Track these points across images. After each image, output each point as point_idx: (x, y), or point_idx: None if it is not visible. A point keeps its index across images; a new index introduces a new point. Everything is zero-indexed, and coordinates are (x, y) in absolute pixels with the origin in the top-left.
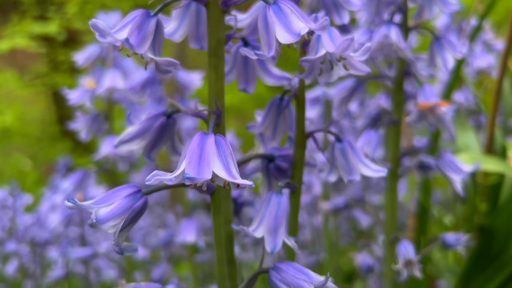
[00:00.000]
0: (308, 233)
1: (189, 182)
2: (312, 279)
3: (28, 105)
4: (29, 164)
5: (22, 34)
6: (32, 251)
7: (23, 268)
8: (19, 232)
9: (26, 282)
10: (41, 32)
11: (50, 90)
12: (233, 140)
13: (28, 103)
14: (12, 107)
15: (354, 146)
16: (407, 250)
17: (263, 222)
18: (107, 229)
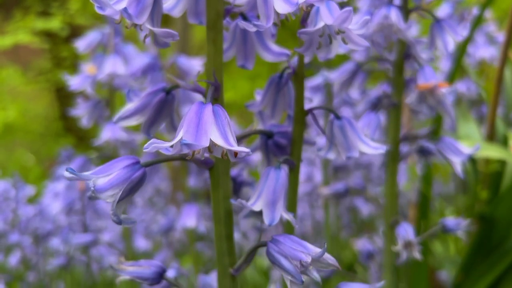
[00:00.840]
0: (309, 225)
1: (187, 149)
2: (310, 251)
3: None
4: (32, 159)
5: (25, 30)
6: (35, 243)
7: (26, 259)
8: (22, 224)
9: (29, 274)
10: (44, 28)
11: (53, 87)
12: None
13: (31, 99)
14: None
15: (353, 124)
16: (406, 232)
17: (261, 196)
18: (105, 198)
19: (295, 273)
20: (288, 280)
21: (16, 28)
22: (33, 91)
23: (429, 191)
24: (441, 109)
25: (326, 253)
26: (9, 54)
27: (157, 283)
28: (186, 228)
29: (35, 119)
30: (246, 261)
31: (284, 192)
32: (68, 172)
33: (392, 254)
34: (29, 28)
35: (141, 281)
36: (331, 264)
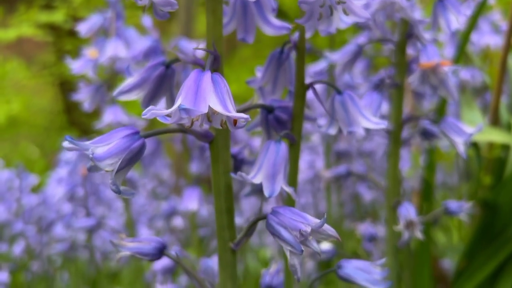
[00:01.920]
0: (312, 214)
1: (185, 114)
2: (310, 221)
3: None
4: (36, 152)
5: (28, 23)
6: (38, 232)
7: (30, 248)
8: (25, 213)
9: (33, 263)
10: (48, 20)
11: (57, 80)
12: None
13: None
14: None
15: (354, 99)
16: (408, 211)
17: (261, 168)
18: (104, 167)
19: (294, 243)
20: (287, 251)
21: (19, 21)
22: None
23: (432, 178)
24: (443, 89)
25: (326, 224)
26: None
27: (157, 259)
28: (188, 211)
29: (39, 113)
30: (246, 235)
31: (285, 165)
32: (67, 142)
33: (394, 236)
34: (33, 21)
35: (142, 256)
36: (331, 235)
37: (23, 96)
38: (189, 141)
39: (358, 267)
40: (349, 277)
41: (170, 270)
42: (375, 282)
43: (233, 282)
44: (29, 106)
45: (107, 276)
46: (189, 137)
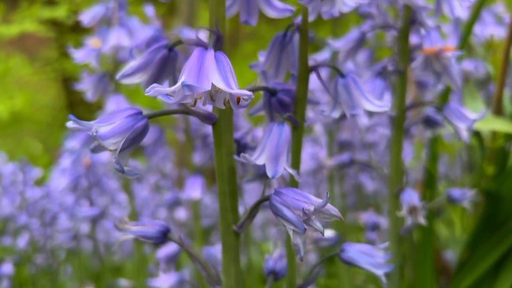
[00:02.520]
0: None
1: (188, 91)
2: (312, 201)
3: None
4: (39, 147)
5: (31, 19)
6: (42, 224)
7: (34, 241)
8: (29, 206)
9: (37, 256)
10: (50, 16)
11: (60, 76)
12: (244, 123)
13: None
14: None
15: (357, 82)
16: (411, 197)
17: (264, 150)
18: (108, 145)
19: (297, 222)
20: (290, 230)
21: (22, 17)
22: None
23: (435, 168)
24: (446, 76)
25: (329, 204)
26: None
27: (161, 242)
28: (191, 200)
29: (42, 109)
30: (249, 218)
31: (288, 147)
32: (71, 122)
33: (397, 224)
34: (35, 17)
35: (145, 240)
36: (334, 215)
37: (26, 92)
38: (191, 131)
39: (361, 250)
40: (352, 260)
41: (173, 258)
42: (378, 266)
43: (236, 265)
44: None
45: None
46: (192, 127)
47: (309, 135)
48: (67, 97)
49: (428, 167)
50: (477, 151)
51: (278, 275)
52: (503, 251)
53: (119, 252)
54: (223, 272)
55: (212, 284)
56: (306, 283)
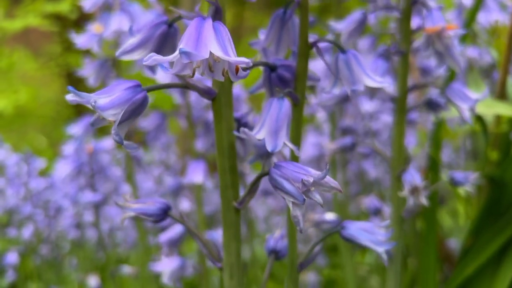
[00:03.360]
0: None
1: (186, 58)
2: (312, 173)
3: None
4: (44, 141)
5: (34, 13)
6: (47, 216)
7: (38, 232)
8: (34, 197)
9: (42, 246)
10: (53, 11)
11: (64, 71)
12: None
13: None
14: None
15: (358, 58)
16: (413, 177)
17: (264, 124)
18: (108, 116)
19: (296, 194)
20: (290, 203)
21: (26, 12)
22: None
23: (438, 154)
24: (449, 57)
25: (328, 176)
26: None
27: (162, 220)
28: (193, 184)
29: (46, 104)
30: (249, 193)
31: (288, 122)
32: (71, 94)
33: (399, 206)
34: (39, 12)
35: (146, 217)
36: (333, 187)
37: (31, 87)
38: (194, 117)
39: (362, 228)
40: (353, 237)
41: (175, 242)
42: (378, 243)
43: (236, 242)
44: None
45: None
46: (193, 113)
47: (311, 124)
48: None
49: (431, 154)
50: (481, 138)
51: (279, 254)
52: (507, 238)
53: (124, 243)
54: (224, 249)
55: (213, 261)
56: (306, 261)
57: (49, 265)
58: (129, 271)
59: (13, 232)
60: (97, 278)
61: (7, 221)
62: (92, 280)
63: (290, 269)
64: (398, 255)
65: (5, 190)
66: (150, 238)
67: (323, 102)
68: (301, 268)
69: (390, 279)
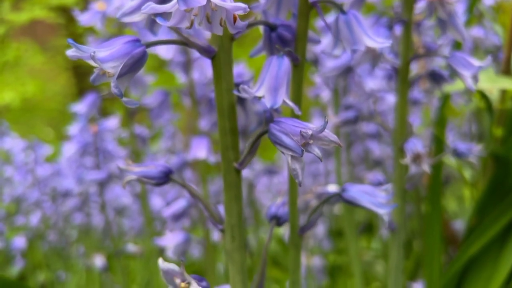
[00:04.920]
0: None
1: (183, 4)
2: (310, 127)
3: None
4: (51, 133)
5: (41, 6)
6: (54, 202)
7: (46, 218)
8: (41, 183)
9: (49, 232)
10: (59, 3)
11: (70, 64)
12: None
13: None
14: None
15: (359, 18)
16: (415, 145)
17: (264, 82)
18: (107, 68)
19: (295, 147)
20: (289, 157)
21: (32, 4)
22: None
23: (443, 133)
24: (451, 26)
25: (327, 130)
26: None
27: (164, 183)
28: (196, 160)
29: (53, 97)
30: (250, 153)
31: (287, 80)
32: (71, 49)
33: (402, 178)
34: (45, 4)
35: (148, 180)
36: (332, 141)
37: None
38: (197, 95)
39: (363, 190)
40: (354, 199)
41: (180, 216)
42: (380, 205)
43: (238, 203)
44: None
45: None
46: (197, 91)
47: (316, 107)
48: (77, 85)
49: (436, 133)
50: (485, 118)
51: (280, 220)
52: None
53: (130, 231)
54: (225, 210)
55: (214, 224)
56: (308, 225)
57: (57, 253)
58: (134, 250)
59: (21, 219)
60: (103, 258)
61: (15, 209)
62: (98, 261)
63: (291, 233)
64: (401, 229)
65: (12, 177)
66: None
67: (326, 73)
68: (302, 232)
69: (393, 255)
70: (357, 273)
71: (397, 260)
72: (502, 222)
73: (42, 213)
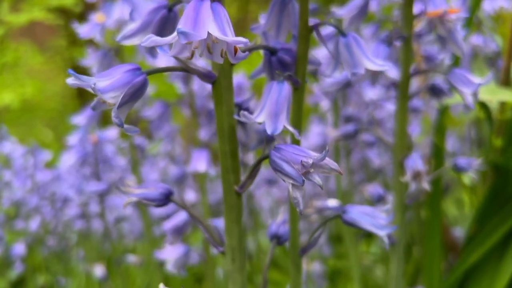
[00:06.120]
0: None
1: (184, 39)
2: (311, 155)
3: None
4: (50, 135)
5: (40, 7)
6: (53, 207)
7: (45, 223)
8: (40, 189)
9: (49, 238)
10: (58, 4)
11: (69, 65)
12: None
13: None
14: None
15: (359, 41)
16: (415, 162)
17: (264, 108)
18: (108, 99)
19: (295, 176)
20: (290, 185)
21: (31, 6)
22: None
23: (443, 142)
24: (451, 42)
25: (328, 158)
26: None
27: (164, 205)
28: (196, 173)
29: (52, 98)
30: (250, 177)
31: (288, 105)
32: (71, 78)
33: (401, 192)
34: (44, 5)
35: (148, 202)
36: (333, 169)
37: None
38: (197, 106)
39: (363, 212)
40: (354, 221)
41: (180, 230)
42: (380, 227)
43: (238, 225)
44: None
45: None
46: (197, 102)
47: (315, 114)
48: None
49: (435, 142)
50: (485, 126)
51: (281, 239)
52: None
53: (130, 234)
54: (226, 233)
55: (215, 246)
56: (309, 245)
57: (57, 257)
58: (134, 260)
59: (21, 224)
60: (103, 267)
61: (14, 213)
62: (98, 270)
63: (292, 254)
64: (401, 242)
65: (11, 182)
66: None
67: (326, 88)
68: (303, 253)
69: (393, 267)
70: (356, 278)
71: (397, 272)
72: (502, 230)
73: (42, 218)
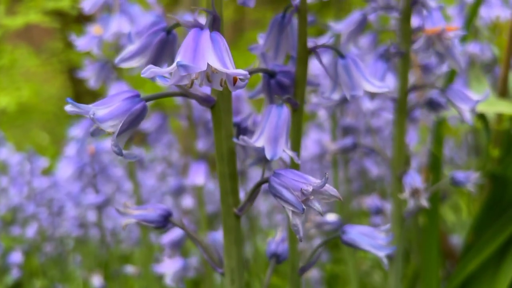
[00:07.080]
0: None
1: (184, 71)
2: (311, 182)
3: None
4: (47, 138)
5: (36, 10)
6: (50, 214)
7: (42, 230)
8: (37, 196)
9: (46, 245)
10: (55, 7)
11: (66, 67)
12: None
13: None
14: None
15: (357, 62)
16: (413, 180)
17: (263, 132)
18: (106, 128)
19: (296, 203)
20: (289, 211)
21: (27, 8)
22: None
23: (440, 152)
24: (449, 57)
25: (328, 184)
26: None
27: (163, 226)
28: (195, 186)
29: (49, 100)
30: (249, 200)
31: (287, 129)
32: (69, 105)
33: (400, 206)
34: (40, 8)
35: (147, 224)
36: (333, 196)
37: (33, 84)
38: (194, 118)
39: (362, 232)
40: (353, 242)
41: (178, 243)
42: (379, 247)
43: (237, 247)
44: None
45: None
46: (195, 113)
47: (313, 121)
48: (73, 88)
49: (433, 151)
50: (482, 134)
51: (280, 258)
52: (509, 235)
53: (127, 240)
54: (225, 254)
55: (214, 267)
56: (308, 265)
57: (54, 262)
58: (132, 271)
59: (17, 230)
60: (101, 277)
61: (11, 219)
62: (96, 280)
63: (291, 273)
64: (399, 254)
65: (8, 189)
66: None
67: (324, 104)
68: (302, 272)
69: (391, 278)
70: (354, 283)
71: (395, 284)
72: (500, 239)
73: (39, 225)
